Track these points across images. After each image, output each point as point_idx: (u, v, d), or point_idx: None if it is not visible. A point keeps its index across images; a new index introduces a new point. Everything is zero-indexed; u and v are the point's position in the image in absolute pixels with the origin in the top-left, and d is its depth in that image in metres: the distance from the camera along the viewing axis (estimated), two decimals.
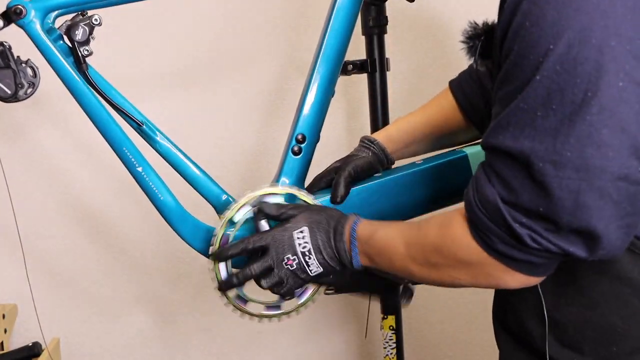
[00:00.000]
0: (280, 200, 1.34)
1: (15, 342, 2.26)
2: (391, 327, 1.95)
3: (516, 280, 1.03)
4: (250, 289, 1.33)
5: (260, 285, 1.27)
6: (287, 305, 1.36)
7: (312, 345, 2.37)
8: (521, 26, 0.94)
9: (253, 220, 1.32)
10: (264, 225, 1.29)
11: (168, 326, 2.35)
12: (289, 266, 1.24)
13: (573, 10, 0.90)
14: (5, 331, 2.20)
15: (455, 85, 1.45)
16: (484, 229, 1.00)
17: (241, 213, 1.34)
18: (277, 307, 1.36)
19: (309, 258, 1.22)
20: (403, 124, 1.48)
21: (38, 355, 2.18)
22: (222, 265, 1.32)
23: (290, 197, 1.35)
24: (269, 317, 1.36)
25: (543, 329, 1.11)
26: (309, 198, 1.35)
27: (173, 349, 2.37)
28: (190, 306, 2.34)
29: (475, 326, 2.32)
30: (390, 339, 1.96)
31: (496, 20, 1.07)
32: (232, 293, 1.34)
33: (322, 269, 1.23)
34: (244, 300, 1.35)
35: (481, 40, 1.14)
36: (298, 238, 1.23)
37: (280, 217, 1.27)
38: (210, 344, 2.37)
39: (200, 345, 2.37)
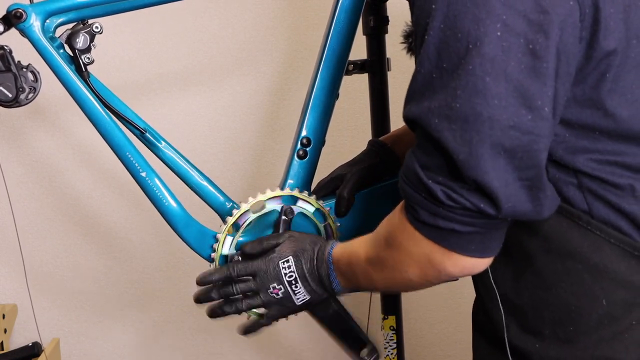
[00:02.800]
0: (277, 203, 1.34)
1: (15, 342, 2.26)
2: (392, 327, 1.95)
3: (455, 263, 1.02)
4: None
5: (237, 307, 1.28)
6: None
7: (312, 345, 2.37)
8: (414, 1, 0.99)
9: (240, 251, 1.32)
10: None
11: (168, 326, 2.35)
12: (274, 294, 1.25)
13: None
14: (5, 331, 2.20)
15: None
16: (409, 199, 1.01)
17: (244, 219, 1.34)
18: None
19: (296, 287, 1.23)
20: None
21: (38, 355, 2.18)
22: None
23: (293, 200, 1.35)
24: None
25: (505, 317, 1.11)
26: (312, 200, 1.35)
27: (173, 349, 2.37)
28: (190, 306, 2.33)
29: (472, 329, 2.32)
30: (391, 339, 1.96)
31: None
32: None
33: (309, 297, 1.24)
34: None
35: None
36: (284, 268, 1.23)
37: (262, 246, 1.27)
38: (210, 344, 2.37)
39: (200, 345, 2.37)
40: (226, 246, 1.34)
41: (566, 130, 1.00)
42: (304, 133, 1.39)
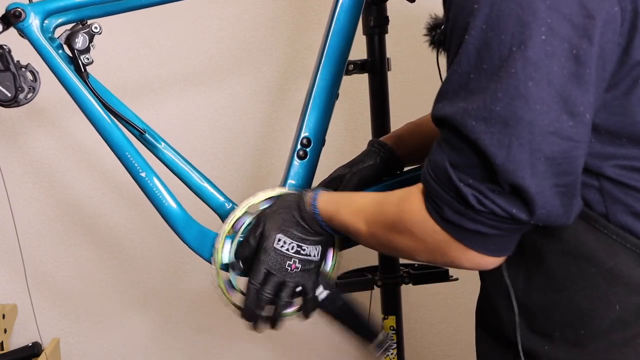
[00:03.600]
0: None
1: (15, 342, 2.27)
2: (392, 327, 1.95)
3: (469, 259, 1.01)
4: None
5: (280, 306, 1.26)
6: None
7: (312, 345, 2.37)
8: None
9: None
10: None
11: (168, 326, 2.35)
12: (295, 270, 1.23)
13: None
14: (5, 331, 2.20)
15: None
16: (435, 196, 0.99)
17: (241, 221, 1.34)
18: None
19: (304, 250, 1.23)
20: (414, 128, 1.46)
21: (38, 355, 2.18)
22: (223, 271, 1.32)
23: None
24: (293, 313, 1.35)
25: (514, 317, 1.10)
26: None
27: (173, 349, 2.37)
28: (190, 306, 2.34)
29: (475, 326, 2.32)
30: (391, 339, 1.96)
31: None
32: (235, 298, 1.33)
33: (320, 246, 1.24)
34: (234, 290, 1.34)
35: (441, 29, 1.14)
36: (281, 247, 1.22)
37: (251, 244, 1.26)
38: (210, 344, 2.37)
39: (200, 345, 2.36)
40: (226, 249, 1.34)
41: (593, 135, 0.98)
42: (304, 133, 1.39)
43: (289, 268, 1.23)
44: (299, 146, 1.39)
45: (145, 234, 2.27)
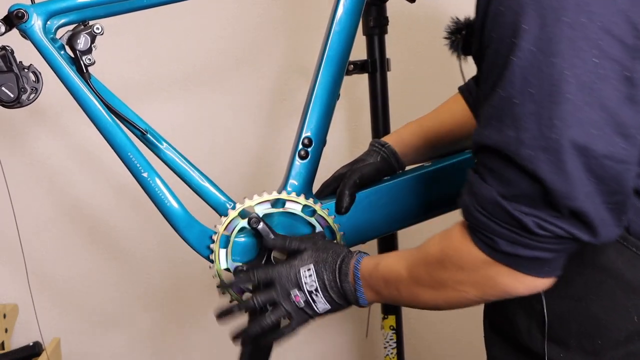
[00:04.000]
0: (266, 207, 1.35)
1: (16, 341, 2.27)
2: (391, 327, 1.96)
3: (524, 284, 0.99)
4: None
5: (262, 325, 1.26)
6: None
7: (312, 345, 2.37)
8: (497, 13, 0.94)
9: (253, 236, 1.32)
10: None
11: (168, 326, 2.35)
12: (296, 302, 1.23)
13: None
14: (6, 331, 2.21)
15: (465, 90, 1.44)
16: (485, 230, 0.98)
17: (234, 223, 1.34)
18: None
19: (316, 296, 1.21)
20: (415, 127, 1.46)
21: (38, 354, 2.18)
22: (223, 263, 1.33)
23: (281, 202, 1.35)
24: None
25: (530, 323, 1.10)
26: (313, 204, 1.35)
27: (173, 349, 2.37)
28: (191, 306, 2.34)
29: (475, 326, 2.31)
30: (391, 339, 1.97)
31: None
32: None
33: (329, 306, 1.22)
34: (242, 290, 1.35)
35: (462, 34, 1.13)
36: (304, 277, 1.21)
37: (287, 248, 1.26)
38: (210, 344, 2.37)
39: (200, 345, 2.37)
40: (222, 254, 1.35)
41: None
42: (305, 133, 1.39)
43: (293, 296, 1.22)
44: (300, 146, 1.39)
45: (146, 234, 2.28)
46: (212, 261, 1.36)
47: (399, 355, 1.97)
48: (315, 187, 1.43)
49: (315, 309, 1.22)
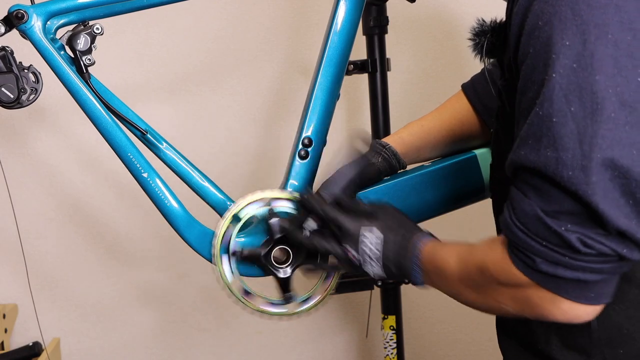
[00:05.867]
0: (256, 207, 1.34)
1: (16, 341, 2.27)
2: (392, 327, 1.96)
3: (562, 310, 0.95)
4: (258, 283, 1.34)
5: (312, 242, 1.23)
6: (291, 307, 1.35)
7: (312, 345, 2.37)
8: (534, 27, 0.92)
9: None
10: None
11: (168, 326, 2.36)
12: (348, 254, 1.19)
13: (586, 6, 0.88)
14: (6, 331, 2.21)
15: (468, 88, 1.43)
16: (524, 248, 0.94)
17: (241, 214, 1.34)
18: (281, 304, 1.35)
19: (370, 263, 1.18)
20: (416, 127, 1.45)
21: (38, 354, 2.18)
22: (226, 268, 1.33)
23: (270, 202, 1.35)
24: (272, 314, 1.35)
25: (548, 330, 1.08)
26: (289, 195, 1.35)
27: (173, 349, 2.37)
28: (191, 306, 2.34)
29: (475, 326, 2.32)
30: (391, 339, 1.97)
31: (504, 19, 1.06)
32: (237, 288, 1.34)
33: (382, 274, 1.19)
34: (250, 294, 1.34)
35: (487, 37, 1.11)
36: (366, 239, 1.18)
37: (356, 210, 1.22)
38: (210, 344, 2.37)
39: (200, 345, 2.37)
40: (225, 262, 1.35)
41: None
42: (305, 133, 1.39)
43: (345, 249, 1.19)
44: (300, 146, 1.39)
45: (146, 234, 2.28)
46: (211, 261, 1.36)
47: (399, 355, 1.97)
48: (315, 187, 1.43)
49: (366, 269, 1.19)
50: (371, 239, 1.17)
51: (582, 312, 0.95)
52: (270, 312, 1.35)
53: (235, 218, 1.34)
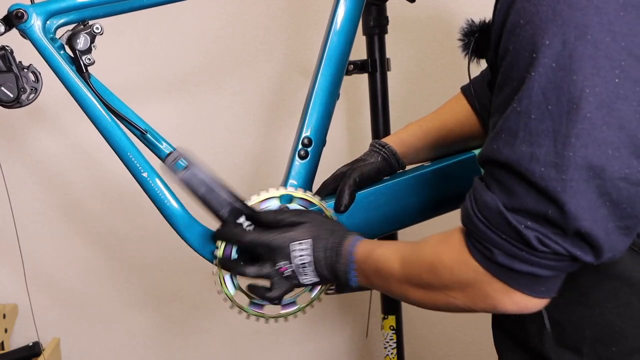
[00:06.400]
0: (276, 203, 1.34)
1: (16, 341, 2.27)
2: (392, 327, 1.96)
3: (513, 301, 0.98)
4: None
5: (243, 272, 1.25)
6: (271, 309, 1.34)
7: (312, 345, 2.37)
8: (515, 25, 0.93)
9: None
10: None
11: (168, 326, 2.36)
12: (282, 271, 1.22)
13: (567, 7, 0.89)
14: (6, 331, 2.21)
15: (467, 90, 1.43)
16: (483, 239, 0.96)
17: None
18: (262, 305, 1.34)
19: (304, 270, 1.21)
20: (415, 128, 1.45)
21: (38, 355, 2.18)
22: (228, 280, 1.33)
23: (289, 198, 1.35)
24: (251, 313, 1.34)
25: (541, 329, 1.09)
26: (314, 199, 1.35)
27: (173, 349, 2.37)
28: (190, 306, 2.34)
29: (475, 326, 2.32)
30: (391, 339, 1.97)
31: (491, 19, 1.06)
32: (245, 302, 1.33)
33: (317, 279, 1.22)
34: (259, 305, 1.34)
35: (476, 37, 1.12)
36: (295, 250, 1.21)
37: (280, 223, 1.24)
38: (210, 344, 2.37)
39: (200, 345, 2.37)
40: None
41: None
42: (305, 133, 1.39)
43: (279, 265, 1.22)
44: (300, 146, 1.39)
45: (145, 234, 2.28)
46: (212, 261, 1.36)
47: (399, 355, 1.97)
48: (315, 187, 1.43)
49: (301, 280, 1.22)
50: (301, 246, 1.20)
51: (531, 304, 0.98)
52: (249, 310, 1.34)
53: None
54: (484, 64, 1.22)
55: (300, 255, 1.20)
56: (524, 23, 0.92)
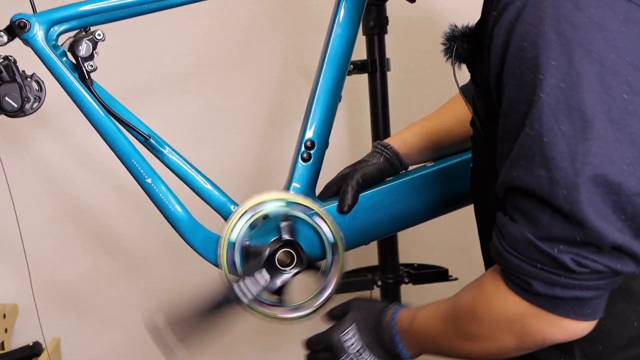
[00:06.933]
0: (280, 204, 1.34)
1: (16, 341, 2.27)
2: None
3: (562, 329, 0.96)
4: None
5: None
6: (278, 311, 1.35)
7: None
8: (519, 49, 0.92)
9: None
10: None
11: (168, 326, 2.35)
12: None
13: (570, 25, 0.89)
14: (6, 331, 2.21)
15: (466, 90, 1.44)
16: (519, 272, 0.95)
17: (243, 220, 1.34)
18: (272, 305, 1.35)
19: (362, 356, 1.20)
20: (417, 128, 1.46)
21: (38, 354, 2.18)
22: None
23: (291, 203, 1.35)
24: (259, 312, 1.35)
25: None
26: (314, 205, 1.35)
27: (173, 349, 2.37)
28: None
29: None
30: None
31: (474, 25, 1.07)
32: (262, 306, 1.34)
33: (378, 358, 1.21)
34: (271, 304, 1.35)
35: (457, 42, 1.12)
36: (345, 340, 1.20)
37: (333, 318, 1.26)
38: (209, 344, 2.37)
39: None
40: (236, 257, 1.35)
41: None
42: (307, 136, 1.39)
43: (345, 357, 1.21)
44: (302, 148, 1.40)
45: (146, 235, 2.28)
46: (217, 264, 1.36)
47: None
48: (319, 189, 1.44)
49: None
50: (348, 335, 1.20)
51: (580, 328, 0.96)
52: (259, 310, 1.34)
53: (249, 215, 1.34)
54: (464, 69, 1.22)
55: (352, 344, 1.20)
56: (527, 46, 0.91)
